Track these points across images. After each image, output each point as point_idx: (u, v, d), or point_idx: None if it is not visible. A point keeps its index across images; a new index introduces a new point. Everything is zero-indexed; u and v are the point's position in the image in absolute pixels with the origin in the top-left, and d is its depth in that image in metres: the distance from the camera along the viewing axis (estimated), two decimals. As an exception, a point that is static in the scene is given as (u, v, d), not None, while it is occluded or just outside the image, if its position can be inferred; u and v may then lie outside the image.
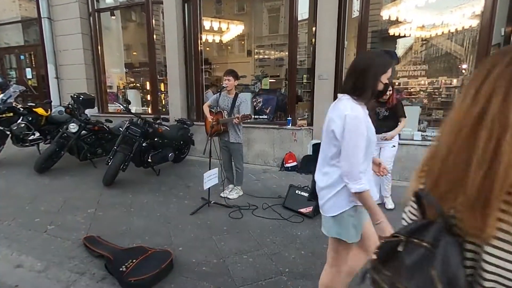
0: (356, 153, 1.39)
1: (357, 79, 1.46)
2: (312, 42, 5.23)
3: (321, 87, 5.01)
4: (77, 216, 3.24)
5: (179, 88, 6.03)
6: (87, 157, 4.91)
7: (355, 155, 1.40)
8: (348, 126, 1.39)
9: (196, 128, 5.68)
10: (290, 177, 4.77)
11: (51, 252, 2.54)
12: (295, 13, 5.19)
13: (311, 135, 5.22)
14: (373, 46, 7.36)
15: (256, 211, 3.44)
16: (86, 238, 2.70)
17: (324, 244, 2.73)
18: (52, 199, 3.69)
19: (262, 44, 9.51)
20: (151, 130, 4.51)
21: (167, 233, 2.91)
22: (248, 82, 7.17)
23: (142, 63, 8.00)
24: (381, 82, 1.46)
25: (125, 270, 2.18)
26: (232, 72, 3.64)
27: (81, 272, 2.29)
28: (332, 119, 1.48)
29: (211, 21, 7.19)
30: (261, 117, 5.88)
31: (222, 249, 2.63)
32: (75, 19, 6.75)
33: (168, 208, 3.53)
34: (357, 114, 1.40)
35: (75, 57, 6.92)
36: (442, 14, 5.76)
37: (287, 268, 2.36)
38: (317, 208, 3.34)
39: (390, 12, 5.81)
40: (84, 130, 4.77)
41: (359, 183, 1.38)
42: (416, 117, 4.92)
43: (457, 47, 6.30)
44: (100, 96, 7.23)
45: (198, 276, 2.25)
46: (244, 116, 3.47)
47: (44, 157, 4.52)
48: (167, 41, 5.99)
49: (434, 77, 6.01)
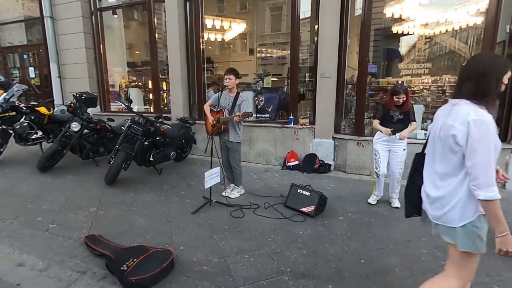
0: (489, 158, 1.34)
1: (478, 83, 1.40)
2: (315, 40, 5.19)
3: (323, 85, 4.98)
4: (79, 215, 3.24)
5: (180, 87, 6.02)
6: (89, 156, 4.92)
7: (489, 161, 1.34)
8: (477, 132, 1.33)
9: (198, 126, 5.67)
10: (292, 176, 4.75)
11: (53, 251, 2.54)
12: (297, 11, 5.16)
13: (313, 133, 5.19)
14: (376, 44, 7.30)
15: (258, 210, 3.43)
16: (87, 237, 2.70)
17: (326, 243, 2.72)
18: (55, 197, 3.70)
19: (264, 43, 9.47)
20: (153, 129, 4.51)
21: (169, 232, 2.91)
22: (250, 81, 7.13)
23: (144, 62, 8.01)
24: (503, 83, 1.42)
25: (126, 269, 2.18)
26: (233, 71, 3.61)
27: (82, 271, 2.29)
28: (451, 126, 1.42)
29: (213, 19, 7.17)
30: (263, 115, 5.86)
31: (223, 249, 2.62)
32: (77, 18, 6.77)
33: (169, 207, 3.52)
34: (484, 119, 1.34)
35: (78, 56, 6.95)
36: (446, 11, 5.70)
37: (289, 268, 2.35)
38: (319, 207, 3.35)
39: (393, 10, 5.76)
40: (86, 129, 4.78)
41: (491, 190, 1.32)
42: (420, 115, 4.88)
43: (461, 45, 6.22)
44: (103, 95, 7.25)
45: (199, 276, 2.24)
46: (245, 114, 3.44)
47: (46, 156, 4.53)
48: (168, 40, 5.99)
49: (438, 76, 5.94)
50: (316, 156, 5.04)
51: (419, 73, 6.13)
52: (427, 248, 2.64)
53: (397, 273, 2.29)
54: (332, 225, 3.09)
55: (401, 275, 2.27)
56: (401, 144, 3.45)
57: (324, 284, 2.15)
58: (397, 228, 3.03)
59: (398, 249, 2.64)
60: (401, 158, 3.49)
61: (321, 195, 3.35)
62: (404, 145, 3.46)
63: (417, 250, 2.63)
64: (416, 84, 6.21)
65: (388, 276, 2.26)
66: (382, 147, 3.55)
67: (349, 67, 5.22)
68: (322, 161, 5.06)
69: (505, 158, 4.14)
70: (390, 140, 3.47)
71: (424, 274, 2.28)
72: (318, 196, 3.33)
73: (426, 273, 2.29)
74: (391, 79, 6.06)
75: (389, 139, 3.46)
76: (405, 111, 3.41)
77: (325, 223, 3.13)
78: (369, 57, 5.24)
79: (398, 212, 3.43)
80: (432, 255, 2.55)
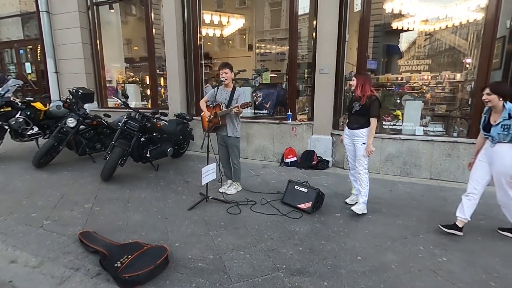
0: None
1: None
2: (313, 36, 5.14)
3: (322, 81, 4.94)
4: (74, 211, 3.22)
5: (178, 83, 5.97)
6: (86, 152, 4.87)
7: None
8: None
9: (196, 122, 5.63)
10: (290, 173, 4.73)
11: (46, 247, 2.52)
12: (295, 7, 5.10)
13: (311, 130, 5.16)
14: (376, 40, 7.26)
15: (255, 207, 3.41)
16: (81, 233, 2.67)
17: (323, 240, 2.70)
18: (50, 194, 3.67)
19: (263, 39, 9.39)
20: (149, 124, 4.47)
21: (164, 229, 2.88)
22: (248, 77, 7.08)
23: (142, 58, 7.93)
24: None
25: (120, 266, 2.15)
26: (227, 65, 3.57)
27: (76, 267, 2.26)
28: None
29: (211, 14, 7.09)
30: (261, 111, 5.82)
31: (219, 245, 2.60)
32: (74, 13, 6.69)
33: (165, 203, 3.49)
34: None
35: (74, 51, 6.88)
36: (446, 7, 5.63)
37: (284, 265, 2.33)
38: (316, 204, 3.33)
39: (393, 5, 5.69)
40: (82, 125, 4.74)
41: None
42: (418, 112, 4.85)
43: (461, 41, 6.16)
44: (100, 90, 7.20)
45: (194, 272, 2.22)
46: (244, 104, 3.39)
47: (42, 152, 4.49)
48: (166, 35, 5.93)
49: (437, 72, 5.89)
50: (314, 152, 5.01)
51: (419, 70, 6.08)
52: (424, 245, 2.63)
53: (394, 270, 2.27)
54: (329, 222, 3.07)
55: (398, 272, 2.25)
56: (359, 138, 3.21)
57: (320, 281, 2.13)
58: (394, 225, 3.01)
59: (394, 246, 2.62)
60: (359, 152, 3.23)
61: (318, 192, 3.32)
62: (362, 139, 3.19)
63: (414, 247, 2.61)
64: (415, 81, 6.18)
65: (385, 273, 2.24)
66: (346, 141, 3.42)
67: (348, 63, 5.18)
68: (320, 157, 5.03)
69: None
70: (351, 134, 3.30)
71: (421, 271, 2.26)
72: (315, 192, 3.31)
73: (422, 270, 2.27)
74: (390, 75, 6.01)
75: (350, 132, 3.31)
76: (362, 104, 3.16)
77: (322, 220, 3.11)
78: (368, 53, 5.19)
79: (396, 209, 3.41)
80: (429, 252, 2.53)
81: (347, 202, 3.51)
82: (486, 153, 2.72)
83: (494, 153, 2.62)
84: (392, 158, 4.67)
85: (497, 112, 2.58)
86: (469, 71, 5.27)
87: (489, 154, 2.67)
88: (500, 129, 2.52)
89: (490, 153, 2.66)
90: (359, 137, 3.22)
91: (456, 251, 2.54)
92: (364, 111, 3.16)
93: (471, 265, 2.35)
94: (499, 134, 2.54)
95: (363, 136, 3.20)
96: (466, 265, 2.35)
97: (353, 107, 3.27)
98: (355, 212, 3.17)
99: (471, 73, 5.02)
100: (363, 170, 3.24)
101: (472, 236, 2.79)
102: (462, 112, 5.02)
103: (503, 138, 2.53)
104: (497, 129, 2.54)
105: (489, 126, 2.62)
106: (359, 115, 3.20)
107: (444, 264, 2.36)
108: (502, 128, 2.51)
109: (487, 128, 2.65)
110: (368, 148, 3.17)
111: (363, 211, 3.21)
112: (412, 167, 4.58)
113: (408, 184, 4.25)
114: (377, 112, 3.16)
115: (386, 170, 4.73)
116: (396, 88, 5.65)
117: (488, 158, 2.70)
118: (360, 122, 3.20)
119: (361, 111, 3.18)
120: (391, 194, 3.91)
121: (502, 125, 2.51)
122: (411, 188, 4.13)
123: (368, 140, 3.17)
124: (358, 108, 3.20)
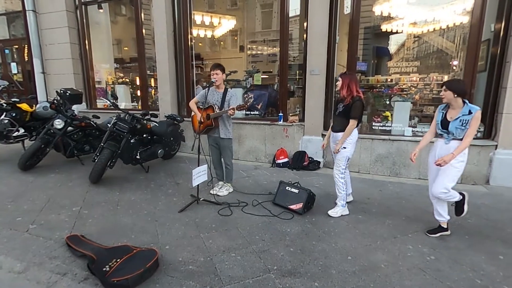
0: None
1: None
2: (304, 37, 5.17)
3: (313, 82, 4.98)
4: (61, 215, 3.15)
5: (169, 84, 5.93)
6: (74, 154, 4.78)
7: None
8: None
9: (187, 124, 5.59)
10: (282, 174, 4.74)
11: (32, 252, 2.45)
12: (286, 8, 5.13)
13: (303, 131, 5.18)
14: (366, 42, 7.34)
15: (246, 208, 3.40)
16: (69, 237, 2.62)
17: (313, 241, 2.71)
18: (36, 197, 3.58)
19: (255, 40, 9.40)
20: (139, 126, 4.42)
21: (154, 231, 2.85)
22: (239, 78, 7.07)
23: (132, 58, 7.83)
24: None
25: (108, 270, 2.12)
26: (219, 66, 3.55)
27: (63, 272, 2.21)
28: None
29: (202, 15, 7.06)
30: (252, 113, 5.82)
31: (209, 247, 2.58)
32: (61, 12, 6.57)
33: (156, 205, 3.45)
34: None
35: (62, 51, 6.75)
36: (434, 10, 5.75)
37: (275, 266, 2.33)
38: (308, 205, 3.33)
39: (382, 8, 5.78)
40: (70, 126, 4.64)
41: None
42: (407, 113, 4.92)
43: (448, 43, 6.30)
44: (88, 91, 7.08)
45: (184, 275, 2.20)
46: (240, 106, 3.38)
47: (28, 154, 4.38)
48: (156, 35, 5.88)
49: (425, 74, 6.01)
50: (305, 153, 5.04)
51: (408, 71, 6.19)
52: (413, 244, 2.66)
53: (383, 269, 2.30)
54: (320, 222, 3.09)
55: (387, 271, 2.27)
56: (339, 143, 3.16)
57: (311, 282, 2.14)
58: (384, 225, 3.05)
59: (384, 245, 2.65)
60: (337, 156, 3.19)
61: (309, 192, 3.34)
62: (344, 142, 3.13)
63: (403, 246, 2.64)
64: (404, 82, 6.28)
65: (374, 272, 2.26)
66: (331, 143, 3.38)
67: (339, 64, 5.23)
68: (312, 158, 5.06)
69: (489, 155, 4.22)
70: (334, 137, 3.28)
71: (410, 270, 2.29)
72: (306, 193, 3.32)
73: (411, 269, 2.31)
74: (380, 77, 6.10)
75: (333, 136, 3.28)
76: (346, 104, 3.08)
77: (313, 220, 3.13)
78: (358, 55, 5.26)
79: (386, 209, 3.45)
80: (417, 251, 2.57)
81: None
82: (440, 153, 2.70)
83: (448, 149, 2.61)
84: (382, 159, 4.73)
85: (455, 109, 2.62)
86: (456, 73, 5.39)
87: (443, 154, 2.65)
88: (459, 123, 2.56)
89: (444, 151, 2.65)
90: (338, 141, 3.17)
91: (444, 250, 2.59)
92: (347, 113, 3.07)
93: (458, 263, 2.40)
94: (456, 129, 2.58)
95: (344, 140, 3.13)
96: (453, 263, 2.40)
97: (337, 108, 3.20)
98: (331, 215, 3.19)
99: (458, 75, 5.13)
100: (338, 174, 3.20)
101: (459, 235, 2.85)
102: (449, 113, 5.12)
103: (459, 134, 2.58)
104: (455, 123, 2.58)
105: (446, 122, 2.66)
106: (342, 116, 3.11)
107: (432, 263, 2.40)
108: (460, 122, 2.56)
109: (444, 125, 2.68)
110: (337, 146, 3.14)
111: (340, 213, 3.22)
112: (401, 167, 4.65)
113: (397, 184, 4.31)
114: (358, 114, 3.04)
115: (376, 171, 4.79)
116: (386, 90, 5.74)
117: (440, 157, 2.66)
118: (343, 125, 3.11)
119: (344, 113, 3.10)
120: (380, 194, 3.96)
121: (460, 120, 2.56)
122: (400, 188, 4.18)
123: (340, 139, 3.13)
124: (341, 109, 3.13)
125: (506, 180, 4.17)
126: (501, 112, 4.16)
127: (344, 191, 3.23)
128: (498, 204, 3.62)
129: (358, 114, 3.05)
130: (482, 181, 4.30)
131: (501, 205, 3.57)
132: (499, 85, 4.25)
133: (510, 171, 4.14)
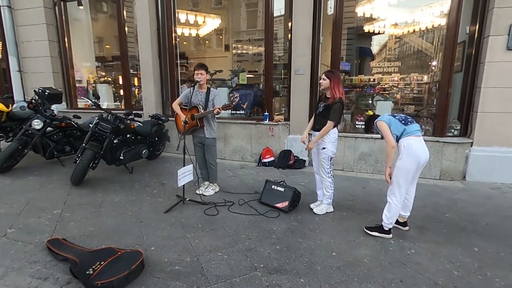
0: None
1: None
2: (289, 37, 5.22)
3: (297, 82, 5.03)
4: (41, 218, 3.05)
5: (153, 83, 5.84)
6: (54, 155, 4.63)
7: None
8: None
9: (172, 123, 5.50)
10: (268, 173, 4.77)
11: (11, 257, 2.37)
12: (271, 8, 5.16)
13: (288, 130, 5.24)
14: (349, 42, 7.50)
15: (232, 207, 3.41)
16: (49, 241, 2.54)
17: (299, 238, 2.75)
18: (14, 200, 3.45)
19: (240, 39, 9.39)
20: (122, 126, 4.33)
21: (139, 233, 2.81)
22: (225, 77, 7.05)
23: (115, 57, 7.65)
24: None
25: (92, 273, 2.07)
26: (203, 66, 3.54)
27: (44, 277, 2.15)
28: None
29: (186, 14, 6.98)
30: (238, 112, 5.82)
31: (196, 247, 2.58)
32: (39, 8, 6.33)
33: (140, 206, 3.40)
34: None
35: (40, 49, 6.51)
36: (414, 12, 5.94)
37: (262, 264, 2.35)
38: (293, 203, 3.38)
39: (364, 9, 5.92)
40: (50, 127, 4.50)
41: None
42: (389, 112, 5.06)
43: (427, 44, 6.53)
44: (69, 91, 6.87)
45: (171, 276, 2.18)
46: (225, 106, 3.40)
47: (5, 156, 4.21)
48: (139, 34, 5.77)
49: (406, 74, 6.21)
50: (291, 152, 5.09)
51: (390, 71, 6.37)
52: (394, 239, 2.76)
53: (366, 264, 2.37)
54: (306, 220, 3.14)
55: (370, 266, 2.34)
56: (320, 142, 3.14)
57: (297, 278, 2.18)
58: (367, 221, 3.13)
59: (367, 241, 2.73)
60: (320, 156, 3.20)
61: (295, 191, 3.38)
62: (323, 143, 3.12)
63: (384, 241, 2.73)
64: (386, 82, 6.46)
65: (358, 267, 2.33)
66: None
67: (323, 64, 5.31)
68: (297, 157, 5.12)
69: (465, 152, 4.42)
70: (313, 135, 3.24)
71: (391, 264, 2.37)
72: (292, 191, 3.36)
73: (392, 263, 2.39)
74: (363, 76, 6.24)
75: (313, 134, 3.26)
76: (327, 104, 3.05)
77: (299, 218, 3.17)
78: (342, 55, 5.36)
79: (369, 205, 3.55)
80: (398, 245, 2.66)
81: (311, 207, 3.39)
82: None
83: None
84: (365, 157, 4.85)
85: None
86: (435, 73, 5.59)
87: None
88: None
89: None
90: (320, 141, 3.15)
91: (423, 243, 2.69)
92: (327, 113, 3.04)
93: (437, 256, 2.51)
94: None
95: (324, 140, 3.11)
96: (432, 256, 2.50)
97: (318, 108, 3.18)
98: (316, 213, 3.26)
99: (436, 75, 5.33)
100: (325, 175, 3.22)
101: (437, 229, 2.97)
102: (428, 111, 5.31)
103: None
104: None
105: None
106: (322, 116, 3.08)
107: (412, 256, 2.49)
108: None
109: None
110: (310, 144, 3.17)
111: (325, 211, 3.29)
112: (384, 165, 4.77)
113: (380, 181, 4.43)
114: (336, 117, 3.00)
115: (359, 168, 4.91)
116: (368, 89, 5.89)
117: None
118: (322, 124, 3.07)
119: (324, 113, 3.08)
120: (364, 191, 4.07)
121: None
122: (383, 185, 4.30)
123: (314, 138, 3.14)
124: (322, 109, 3.11)
125: (481, 176, 4.38)
126: (476, 111, 4.36)
127: (332, 190, 3.29)
128: (474, 198, 3.79)
129: (337, 117, 3.02)
130: (459, 177, 4.50)
131: (476, 200, 3.75)
132: (474, 85, 4.45)
133: (485, 167, 4.35)
